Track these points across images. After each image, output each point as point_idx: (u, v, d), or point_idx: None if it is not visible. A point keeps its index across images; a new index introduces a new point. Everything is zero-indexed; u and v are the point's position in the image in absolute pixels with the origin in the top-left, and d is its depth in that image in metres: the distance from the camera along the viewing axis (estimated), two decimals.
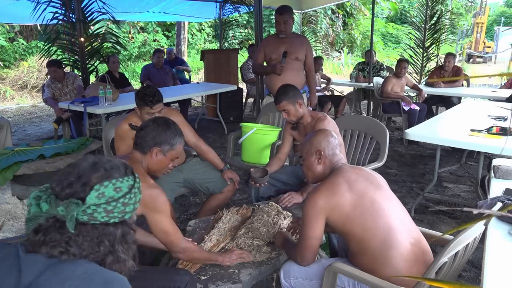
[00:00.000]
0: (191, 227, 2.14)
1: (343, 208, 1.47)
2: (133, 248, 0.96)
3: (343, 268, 1.46)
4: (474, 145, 2.69)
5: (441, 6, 7.79)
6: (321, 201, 1.49)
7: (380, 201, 1.50)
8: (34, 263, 0.84)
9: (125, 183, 0.91)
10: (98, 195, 0.87)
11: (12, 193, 3.29)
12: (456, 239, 1.23)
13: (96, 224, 0.88)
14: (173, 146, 1.71)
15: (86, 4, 4.90)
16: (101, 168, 0.91)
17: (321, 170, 1.67)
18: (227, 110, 6.17)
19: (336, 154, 1.67)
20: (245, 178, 3.79)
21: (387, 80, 5.27)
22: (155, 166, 1.71)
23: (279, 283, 1.69)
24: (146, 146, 1.68)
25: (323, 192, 1.51)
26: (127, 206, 0.91)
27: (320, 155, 1.65)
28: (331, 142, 1.68)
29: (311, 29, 10.92)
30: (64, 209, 0.84)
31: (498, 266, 1.27)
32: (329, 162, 1.66)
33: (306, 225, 1.52)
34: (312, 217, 1.50)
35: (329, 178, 1.58)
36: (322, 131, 1.77)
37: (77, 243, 0.86)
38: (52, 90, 4.86)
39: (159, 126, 1.70)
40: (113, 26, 8.79)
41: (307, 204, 1.53)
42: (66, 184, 0.88)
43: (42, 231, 0.86)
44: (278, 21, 3.39)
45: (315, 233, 1.52)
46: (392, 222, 1.46)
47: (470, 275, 2.34)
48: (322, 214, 1.49)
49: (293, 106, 2.43)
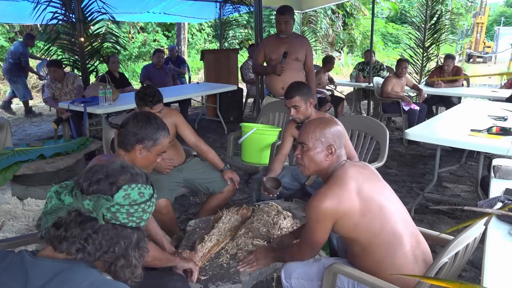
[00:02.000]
0: (191, 227, 2.14)
1: (353, 216, 1.40)
2: (144, 256, 0.97)
3: (343, 268, 1.46)
4: (474, 145, 2.69)
5: (441, 6, 7.80)
6: (329, 206, 1.39)
7: (387, 204, 1.45)
8: (42, 268, 0.85)
9: (147, 190, 0.95)
10: (125, 195, 0.90)
11: (12, 193, 3.30)
12: (456, 239, 1.23)
13: (116, 224, 0.90)
14: (156, 141, 1.65)
15: (86, 4, 4.90)
16: (128, 172, 0.95)
17: (327, 166, 1.53)
18: (227, 110, 6.18)
19: (342, 149, 1.56)
20: (245, 178, 3.81)
21: (387, 80, 5.27)
22: (141, 163, 1.64)
23: (279, 283, 1.69)
24: (128, 143, 1.63)
25: (332, 197, 1.40)
26: (145, 214, 0.94)
27: (331, 150, 1.51)
28: (340, 136, 1.55)
29: (311, 29, 10.92)
30: (92, 203, 0.87)
31: (498, 266, 1.27)
32: (336, 159, 1.54)
33: (311, 229, 1.45)
34: (318, 221, 1.42)
35: (336, 180, 1.46)
36: (333, 121, 1.60)
37: (94, 241, 0.87)
38: (52, 90, 4.86)
39: (139, 122, 1.64)
40: (113, 26, 8.79)
41: (313, 207, 1.43)
42: (95, 181, 0.90)
43: (64, 225, 0.87)
44: (279, 21, 3.39)
45: (319, 238, 1.46)
46: (397, 225, 1.43)
47: (470, 275, 2.34)
48: (329, 218, 1.41)
49: (304, 103, 2.40)
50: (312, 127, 1.55)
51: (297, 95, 2.37)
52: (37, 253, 0.90)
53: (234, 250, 1.87)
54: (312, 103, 2.44)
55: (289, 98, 2.40)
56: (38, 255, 0.89)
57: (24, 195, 3.24)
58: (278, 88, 3.46)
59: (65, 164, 3.27)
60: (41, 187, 3.22)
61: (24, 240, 1.65)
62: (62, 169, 3.24)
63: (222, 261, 1.79)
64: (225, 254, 1.83)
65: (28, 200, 3.21)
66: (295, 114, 2.43)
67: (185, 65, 7.45)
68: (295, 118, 2.46)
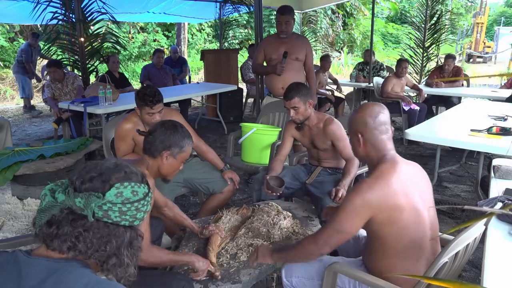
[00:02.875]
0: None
1: (394, 213, 1.33)
2: (138, 255, 0.97)
3: (344, 268, 1.46)
4: (474, 145, 2.69)
5: (441, 6, 7.80)
6: (373, 198, 1.32)
7: (423, 209, 1.39)
8: (35, 267, 0.84)
9: (142, 189, 0.94)
10: (117, 193, 0.89)
11: (12, 193, 3.30)
12: (456, 239, 1.22)
13: (108, 222, 0.89)
14: (182, 149, 1.72)
15: (86, 4, 4.90)
16: (122, 170, 0.94)
17: (363, 153, 1.48)
18: (227, 110, 6.18)
19: (382, 140, 1.45)
20: (245, 178, 3.81)
21: (387, 80, 5.27)
22: (166, 169, 1.72)
23: (279, 283, 1.69)
24: (155, 150, 1.69)
25: (377, 190, 1.33)
26: (139, 212, 0.93)
27: (359, 137, 1.46)
28: (373, 123, 1.45)
29: (311, 29, 10.93)
30: (83, 200, 0.86)
31: (498, 266, 1.27)
32: (372, 148, 1.45)
33: (342, 218, 1.37)
34: (356, 211, 1.34)
35: (382, 173, 1.38)
36: (363, 106, 1.53)
37: (85, 239, 0.87)
38: (52, 90, 4.86)
39: (167, 129, 1.71)
40: (113, 26, 8.79)
41: (354, 194, 1.35)
42: (87, 179, 0.90)
43: (56, 223, 0.87)
44: (279, 21, 3.38)
45: (349, 227, 1.37)
46: (426, 233, 1.38)
47: (470, 275, 2.34)
48: (367, 211, 1.33)
49: (303, 104, 2.40)
50: (350, 116, 1.54)
51: (296, 97, 2.37)
52: (31, 252, 0.89)
53: (234, 250, 1.87)
54: (311, 103, 2.44)
55: (288, 100, 2.39)
56: (32, 254, 0.88)
57: (24, 195, 3.24)
58: (278, 88, 3.46)
59: (65, 164, 3.27)
60: (41, 187, 3.22)
61: (24, 240, 1.65)
62: (62, 169, 3.24)
63: (222, 261, 1.79)
64: (225, 254, 1.83)
65: (28, 200, 3.21)
66: (295, 115, 2.43)
67: (186, 66, 7.45)
68: (295, 119, 2.46)
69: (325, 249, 1.44)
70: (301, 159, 2.95)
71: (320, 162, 2.57)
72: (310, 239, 1.49)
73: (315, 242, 1.45)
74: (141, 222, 0.96)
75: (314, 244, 1.45)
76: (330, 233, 1.40)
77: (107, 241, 0.89)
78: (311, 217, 2.23)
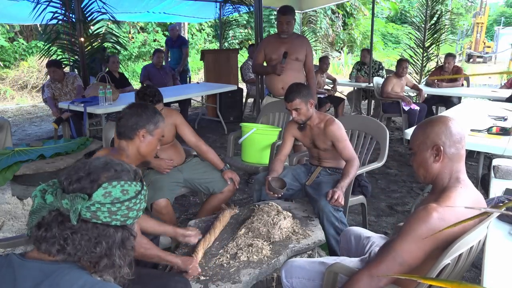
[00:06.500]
0: (191, 227, 2.14)
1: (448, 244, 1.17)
2: (130, 255, 0.94)
3: (344, 268, 1.46)
4: (474, 145, 2.69)
5: (441, 6, 7.80)
6: (440, 225, 1.16)
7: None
8: (30, 270, 0.83)
9: (133, 187, 0.91)
10: (104, 193, 0.86)
11: (12, 193, 3.29)
12: (459, 241, 1.21)
13: (97, 223, 0.87)
14: (156, 124, 1.74)
15: (86, 4, 4.90)
16: (112, 168, 0.91)
17: (437, 169, 1.32)
18: (227, 110, 6.18)
19: (459, 155, 1.31)
20: (245, 178, 3.81)
21: (387, 80, 5.27)
22: (146, 148, 1.73)
23: (279, 283, 1.69)
24: (130, 131, 1.70)
25: (450, 216, 1.17)
26: (131, 211, 0.90)
27: (438, 150, 1.30)
28: (454, 135, 1.30)
29: (311, 29, 10.93)
30: (69, 202, 0.84)
31: (498, 266, 1.27)
32: (450, 163, 1.30)
33: (404, 246, 1.19)
34: (419, 239, 1.17)
35: (455, 196, 1.23)
36: (441, 118, 1.35)
37: (74, 241, 0.85)
38: (52, 90, 4.86)
39: (137, 109, 1.74)
40: (113, 26, 8.79)
41: (419, 217, 1.19)
42: (75, 179, 0.88)
43: (45, 225, 0.85)
44: (281, 21, 3.37)
45: (410, 257, 1.20)
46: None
47: (470, 275, 2.34)
48: (431, 240, 1.17)
49: (305, 105, 2.39)
50: (418, 130, 1.38)
51: (297, 98, 2.36)
52: (25, 255, 0.87)
53: (234, 250, 1.86)
54: (312, 103, 2.44)
55: (290, 101, 2.39)
56: (26, 257, 0.86)
57: (24, 195, 3.24)
58: (278, 88, 3.46)
59: (65, 164, 3.27)
60: None
61: (23, 240, 1.65)
62: (62, 169, 3.24)
63: (222, 261, 1.79)
64: (225, 254, 1.83)
65: (28, 200, 3.20)
66: (297, 116, 2.42)
67: (186, 47, 7.26)
68: (297, 120, 2.46)
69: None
70: (301, 159, 2.95)
71: (320, 162, 2.57)
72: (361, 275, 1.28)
73: (372, 269, 1.25)
74: (135, 221, 0.93)
75: (371, 272, 1.25)
76: (387, 260, 1.22)
77: (97, 243, 0.87)
78: (311, 217, 2.23)
